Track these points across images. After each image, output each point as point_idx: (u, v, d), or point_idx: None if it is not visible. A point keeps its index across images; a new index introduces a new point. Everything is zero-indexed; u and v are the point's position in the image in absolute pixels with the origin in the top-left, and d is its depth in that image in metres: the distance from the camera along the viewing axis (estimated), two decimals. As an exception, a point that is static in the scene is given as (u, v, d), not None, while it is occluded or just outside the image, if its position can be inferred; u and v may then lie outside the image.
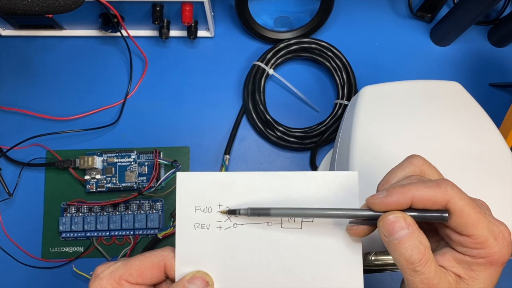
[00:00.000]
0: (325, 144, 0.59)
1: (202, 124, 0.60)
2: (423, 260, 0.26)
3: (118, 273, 0.31)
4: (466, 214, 0.26)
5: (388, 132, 0.40)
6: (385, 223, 0.27)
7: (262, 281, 0.31)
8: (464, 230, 0.26)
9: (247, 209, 0.30)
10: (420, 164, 0.29)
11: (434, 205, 0.26)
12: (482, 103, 0.42)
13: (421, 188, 0.26)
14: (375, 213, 0.28)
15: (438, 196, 0.26)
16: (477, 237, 0.26)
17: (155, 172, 0.56)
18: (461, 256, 0.27)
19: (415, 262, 0.26)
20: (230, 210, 0.31)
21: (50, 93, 0.61)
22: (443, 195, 0.26)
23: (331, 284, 0.31)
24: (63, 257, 0.56)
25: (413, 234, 0.26)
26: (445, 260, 0.28)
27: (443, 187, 0.26)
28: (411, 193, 0.26)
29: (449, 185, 0.26)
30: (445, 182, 0.27)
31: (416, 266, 0.26)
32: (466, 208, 0.26)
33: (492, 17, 0.64)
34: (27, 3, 0.40)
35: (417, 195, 0.26)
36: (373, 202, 0.27)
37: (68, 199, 0.57)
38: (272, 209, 0.30)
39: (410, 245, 0.26)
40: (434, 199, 0.26)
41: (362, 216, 0.29)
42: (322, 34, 0.63)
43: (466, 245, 0.27)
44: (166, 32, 0.59)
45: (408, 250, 0.26)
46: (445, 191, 0.26)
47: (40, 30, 0.61)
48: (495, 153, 0.39)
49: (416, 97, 0.42)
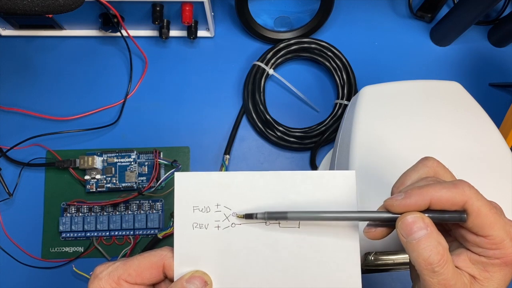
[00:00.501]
0: (325, 144, 0.59)
1: (202, 124, 0.60)
2: (442, 261, 0.26)
3: (117, 273, 0.31)
4: (483, 215, 0.26)
5: (388, 132, 0.40)
6: (403, 224, 0.27)
7: (260, 280, 0.31)
8: (480, 230, 0.27)
9: (264, 213, 0.30)
10: (434, 166, 0.29)
11: (452, 206, 0.27)
12: (482, 103, 0.42)
13: (439, 189, 0.27)
14: (393, 215, 0.28)
15: (456, 197, 0.26)
16: (493, 238, 0.26)
17: (155, 172, 0.56)
18: (476, 256, 0.27)
19: (434, 262, 0.26)
20: (247, 215, 0.31)
21: (50, 93, 0.61)
22: (461, 196, 0.26)
23: (329, 283, 0.31)
24: (63, 257, 0.56)
25: (432, 234, 0.26)
26: (460, 261, 0.28)
27: (461, 188, 0.26)
28: (429, 194, 0.27)
29: (466, 186, 0.27)
30: (462, 183, 0.27)
31: (435, 267, 0.26)
32: (483, 209, 0.26)
33: (492, 17, 0.64)
34: (27, 3, 0.40)
35: (435, 196, 0.26)
36: (392, 204, 0.28)
37: (68, 199, 0.57)
38: (289, 213, 0.30)
39: (429, 246, 0.26)
40: (452, 200, 0.26)
41: (381, 219, 0.29)
42: (322, 34, 0.63)
43: (482, 245, 0.27)
44: (166, 32, 0.59)
45: (427, 250, 0.26)
46: (463, 192, 0.26)
47: (40, 30, 0.61)
48: (495, 153, 0.39)
49: (416, 97, 0.42)
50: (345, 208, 0.31)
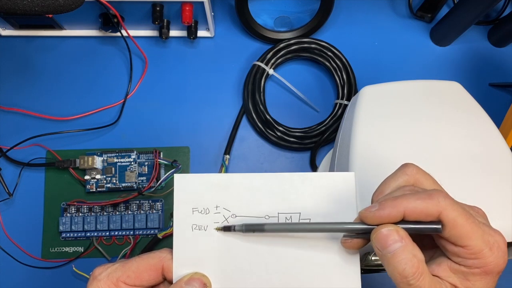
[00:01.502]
0: (325, 144, 0.59)
1: (202, 124, 0.60)
2: (417, 274, 0.26)
3: (116, 275, 0.31)
4: (459, 225, 0.26)
5: (388, 132, 0.40)
6: (378, 237, 0.27)
7: (260, 282, 0.31)
8: (458, 241, 0.26)
9: (241, 225, 0.30)
10: (414, 173, 0.29)
11: (427, 217, 0.26)
12: (482, 103, 0.42)
13: (413, 200, 0.26)
14: (368, 226, 0.28)
15: (430, 208, 0.26)
16: (471, 248, 0.26)
17: (155, 172, 0.56)
18: (456, 266, 0.27)
19: (409, 276, 0.26)
20: (225, 227, 0.31)
21: (50, 93, 0.61)
22: (435, 207, 0.26)
23: (328, 285, 0.31)
24: (63, 257, 0.56)
25: (407, 247, 0.26)
26: (440, 270, 0.28)
27: (435, 198, 0.26)
28: (403, 205, 0.26)
29: (441, 196, 0.26)
30: (437, 193, 0.26)
31: (410, 280, 0.26)
32: (459, 219, 0.26)
33: (492, 17, 0.64)
34: (27, 3, 0.40)
35: (409, 207, 0.26)
36: (366, 215, 0.27)
37: (68, 199, 0.57)
38: (267, 225, 0.30)
39: (404, 259, 0.26)
40: (427, 211, 0.26)
41: (356, 230, 0.28)
42: (322, 34, 0.63)
43: (461, 255, 0.27)
44: (166, 32, 0.59)
45: (401, 263, 0.26)
46: (437, 203, 0.26)
47: (40, 30, 0.61)
48: (495, 153, 0.39)
49: (416, 97, 0.42)
50: (344, 209, 0.31)
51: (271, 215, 0.31)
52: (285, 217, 0.31)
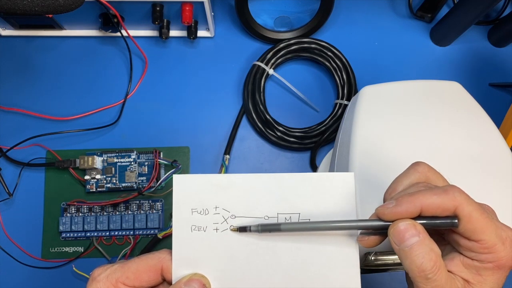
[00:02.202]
0: (325, 144, 0.59)
1: (202, 124, 0.60)
2: (435, 268, 0.26)
3: (115, 275, 0.31)
4: (474, 220, 0.26)
5: (388, 132, 0.40)
6: (395, 231, 0.27)
7: (260, 282, 0.31)
8: (472, 235, 0.27)
9: (257, 226, 0.30)
10: (425, 171, 0.29)
11: (443, 212, 0.27)
12: (482, 103, 0.42)
13: (429, 196, 0.27)
14: (385, 222, 0.28)
15: (447, 203, 0.26)
16: (485, 242, 0.26)
17: (155, 172, 0.56)
18: (469, 261, 0.28)
19: (427, 269, 0.26)
20: (240, 228, 0.31)
21: (50, 93, 0.61)
22: (451, 202, 0.26)
23: (328, 285, 0.31)
24: (63, 257, 0.56)
25: (424, 241, 0.26)
26: (453, 265, 0.28)
27: (451, 193, 0.26)
28: (420, 201, 0.27)
29: (457, 191, 0.27)
30: (452, 188, 0.27)
31: (427, 274, 0.26)
32: (474, 214, 0.26)
33: (492, 17, 0.64)
34: (27, 3, 0.40)
35: (426, 203, 0.27)
36: (383, 212, 0.28)
37: (68, 199, 0.57)
38: (283, 225, 0.30)
39: (421, 252, 0.26)
40: (443, 206, 0.26)
41: (373, 227, 0.29)
42: (322, 34, 0.63)
43: (475, 250, 0.27)
44: (166, 32, 0.59)
45: (419, 257, 0.26)
46: (453, 198, 0.26)
47: (40, 30, 0.61)
48: (495, 153, 0.39)
49: (416, 97, 0.42)
50: (344, 209, 0.31)
51: (270, 216, 0.31)
52: (284, 217, 0.31)
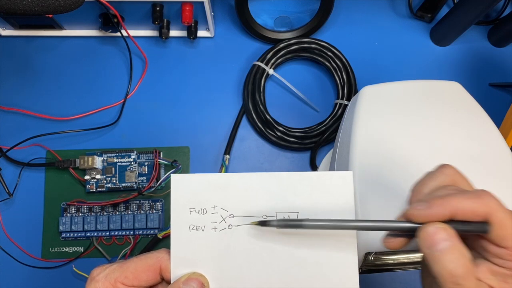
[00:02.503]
0: (325, 144, 0.59)
1: (202, 124, 0.60)
2: (467, 274, 0.25)
3: (114, 275, 0.31)
4: (506, 226, 0.26)
5: (388, 132, 0.40)
6: (426, 235, 0.26)
7: (258, 281, 0.31)
8: (502, 242, 0.26)
9: (278, 221, 0.30)
10: (452, 174, 0.28)
11: (475, 217, 0.26)
12: (482, 103, 0.42)
13: (462, 200, 0.26)
14: (414, 225, 0.27)
15: (479, 208, 0.26)
16: None
17: (155, 172, 0.56)
18: (496, 268, 0.27)
19: (459, 275, 0.25)
20: (261, 222, 0.30)
21: (50, 93, 0.61)
22: (484, 207, 0.26)
23: (327, 284, 0.31)
24: (63, 257, 0.56)
25: (456, 246, 0.25)
26: (480, 272, 0.27)
27: (484, 198, 0.26)
28: (452, 204, 0.26)
29: (489, 197, 0.26)
30: (485, 193, 0.26)
31: (458, 280, 0.25)
32: (506, 221, 0.26)
33: (492, 17, 0.64)
34: (27, 3, 0.40)
35: (459, 206, 0.26)
36: (413, 213, 0.27)
37: (68, 199, 0.57)
38: (305, 221, 0.29)
39: (454, 258, 0.25)
40: (476, 210, 0.26)
41: (401, 228, 0.28)
42: (322, 34, 0.63)
43: (504, 257, 0.26)
44: (166, 32, 0.59)
45: (451, 262, 0.25)
46: (486, 203, 0.26)
47: (40, 30, 0.61)
48: (495, 153, 0.39)
49: (416, 97, 0.42)
50: (343, 208, 0.31)
51: (269, 215, 0.31)
52: (283, 216, 0.31)
